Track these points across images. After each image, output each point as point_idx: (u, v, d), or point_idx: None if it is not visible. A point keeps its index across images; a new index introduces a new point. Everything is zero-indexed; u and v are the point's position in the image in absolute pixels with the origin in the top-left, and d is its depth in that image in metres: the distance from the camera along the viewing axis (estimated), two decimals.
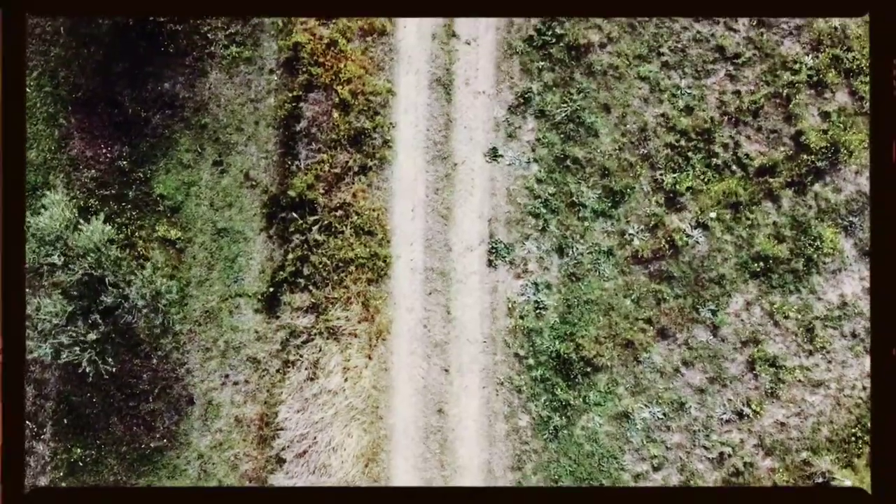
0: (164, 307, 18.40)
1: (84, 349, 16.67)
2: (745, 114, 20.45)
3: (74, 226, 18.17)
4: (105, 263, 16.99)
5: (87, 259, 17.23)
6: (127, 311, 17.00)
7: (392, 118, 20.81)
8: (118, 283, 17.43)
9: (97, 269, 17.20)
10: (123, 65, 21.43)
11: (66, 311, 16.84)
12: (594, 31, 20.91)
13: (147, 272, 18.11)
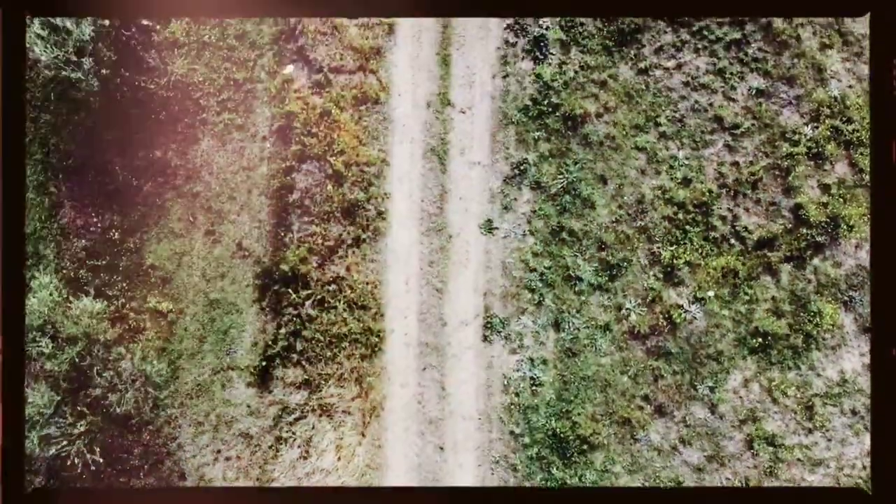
0: (155, 390, 18.15)
1: (72, 441, 16.42)
2: (743, 185, 20.19)
3: (64, 309, 17.98)
4: (94, 351, 16.73)
5: (76, 346, 16.99)
6: (116, 402, 16.73)
7: (386, 188, 20.56)
8: (107, 372, 17.18)
9: (87, 357, 16.95)
10: (115, 132, 21.17)
11: (53, 401, 16.59)
12: (591, 100, 20.65)
13: (137, 356, 17.86)
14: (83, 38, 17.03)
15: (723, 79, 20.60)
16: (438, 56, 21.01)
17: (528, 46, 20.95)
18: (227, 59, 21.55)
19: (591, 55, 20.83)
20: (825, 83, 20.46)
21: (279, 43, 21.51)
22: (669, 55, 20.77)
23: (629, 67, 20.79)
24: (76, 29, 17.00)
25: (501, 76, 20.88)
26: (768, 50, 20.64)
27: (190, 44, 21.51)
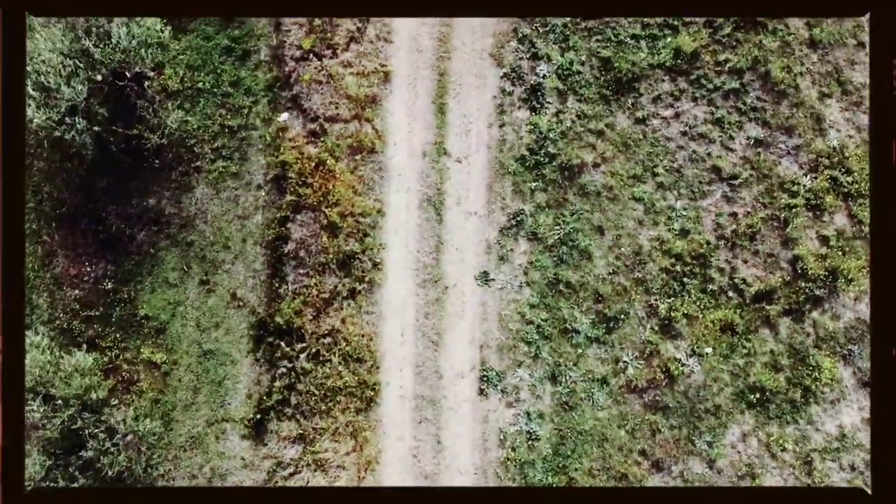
0: (148, 449, 18.00)
1: None
2: (741, 237, 20.04)
3: (56, 366, 17.84)
4: (86, 413, 16.59)
5: (69, 409, 16.84)
6: (108, 464, 16.57)
7: (382, 239, 20.40)
8: (99, 433, 17.02)
9: (78, 419, 16.81)
10: (108, 179, 21.02)
11: (45, 465, 16.44)
12: (588, 150, 20.50)
13: (130, 416, 17.71)
14: (76, 98, 16.83)
15: (721, 128, 20.47)
16: (434, 104, 20.87)
17: (524, 95, 20.81)
18: (222, 106, 21.43)
19: (588, 104, 20.69)
20: (824, 133, 20.33)
21: (274, 90, 21.36)
22: (667, 104, 20.63)
23: (626, 116, 20.65)
24: (68, 89, 16.81)
25: (498, 125, 20.74)
26: (767, 99, 20.51)
27: (184, 90, 21.37)
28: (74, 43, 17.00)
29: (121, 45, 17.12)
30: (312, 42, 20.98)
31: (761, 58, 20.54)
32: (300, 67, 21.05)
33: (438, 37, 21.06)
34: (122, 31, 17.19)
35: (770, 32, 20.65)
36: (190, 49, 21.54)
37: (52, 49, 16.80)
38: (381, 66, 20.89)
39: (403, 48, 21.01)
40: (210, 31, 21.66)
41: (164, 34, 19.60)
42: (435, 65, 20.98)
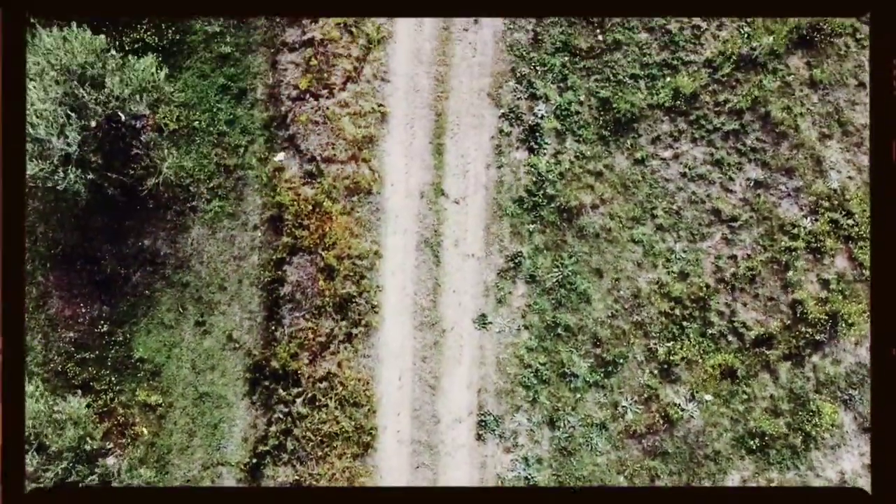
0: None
1: None
2: (741, 280, 19.89)
3: (50, 415, 17.69)
4: (80, 469, 16.43)
5: (62, 462, 16.68)
6: None
7: (379, 281, 20.23)
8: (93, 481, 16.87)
9: (72, 472, 16.65)
10: (103, 219, 20.85)
11: None
12: (586, 191, 20.35)
13: (124, 467, 17.55)
14: (69, 147, 16.67)
15: (720, 169, 20.32)
16: (432, 145, 20.71)
17: (522, 135, 20.66)
18: (218, 145, 21.27)
19: (587, 144, 20.54)
20: (825, 175, 20.18)
21: (270, 129, 21.21)
22: (666, 145, 20.48)
23: (625, 157, 20.50)
24: (61, 141, 16.65)
25: (496, 166, 20.58)
26: (767, 140, 20.36)
27: (180, 129, 21.22)
28: (68, 92, 16.81)
29: (114, 93, 16.91)
30: (309, 82, 20.82)
31: (761, 98, 20.39)
32: (297, 107, 20.89)
33: (436, 76, 20.90)
34: (115, 79, 16.99)
35: (770, 72, 20.50)
36: (185, 87, 21.38)
37: (44, 99, 16.60)
38: (379, 106, 20.72)
39: (401, 88, 20.86)
40: (206, 69, 21.51)
41: (159, 76, 19.45)
42: (432, 104, 20.82)
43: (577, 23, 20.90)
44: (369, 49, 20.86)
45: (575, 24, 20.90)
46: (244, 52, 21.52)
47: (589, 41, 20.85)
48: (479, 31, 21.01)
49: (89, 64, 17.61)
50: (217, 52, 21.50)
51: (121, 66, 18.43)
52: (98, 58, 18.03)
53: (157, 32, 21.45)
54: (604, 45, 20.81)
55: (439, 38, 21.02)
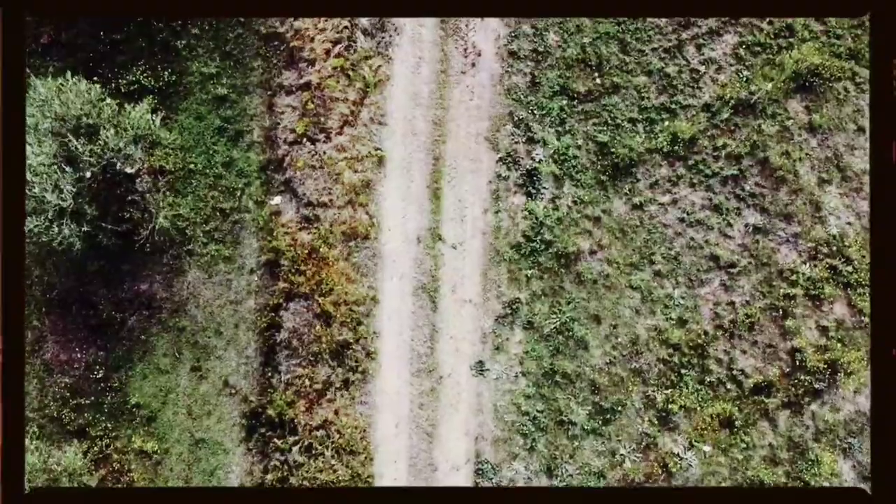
0: None
1: None
2: (740, 327, 19.80)
3: (44, 468, 17.60)
4: None
5: None
6: None
7: (375, 327, 20.13)
8: None
9: None
10: (99, 263, 20.73)
11: None
12: (584, 237, 20.26)
13: None
14: (64, 203, 16.58)
15: (719, 215, 20.24)
16: (429, 189, 20.62)
17: (520, 180, 20.57)
18: (214, 188, 21.17)
19: (585, 189, 20.46)
20: (824, 220, 20.10)
21: (267, 172, 21.11)
22: (664, 189, 20.40)
23: (623, 202, 20.41)
24: (55, 197, 16.56)
25: (493, 211, 20.49)
26: (765, 185, 20.28)
27: (176, 171, 21.12)
28: (63, 143, 16.72)
29: (108, 144, 16.83)
30: (305, 126, 20.72)
31: (760, 143, 20.31)
32: (293, 151, 20.79)
33: (434, 120, 20.81)
34: (110, 132, 16.90)
35: (769, 117, 20.41)
36: (181, 129, 21.28)
37: (38, 153, 16.51)
38: (376, 150, 20.62)
39: (398, 131, 20.76)
40: (202, 111, 21.40)
41: (154, 123, 19.38)
42: (430, 148, 20.73)
43: (574, 66, 20.81)
44: (366, 92, 20.77)
45: (573, 68, 20.81)
46: (241, 94, 21.42)
47: (587, 84, 20.77)
48: (476, 74, 20.93)
49: (84, 114, 17.52)
50: (213, 94, 21.40)
51: (116, 115, 18.35)
52: (93, 107, 17.95)
53: (153, 74, 21.36)
54: (602, 89, 20.73)
55: (437, 82, 20.93)
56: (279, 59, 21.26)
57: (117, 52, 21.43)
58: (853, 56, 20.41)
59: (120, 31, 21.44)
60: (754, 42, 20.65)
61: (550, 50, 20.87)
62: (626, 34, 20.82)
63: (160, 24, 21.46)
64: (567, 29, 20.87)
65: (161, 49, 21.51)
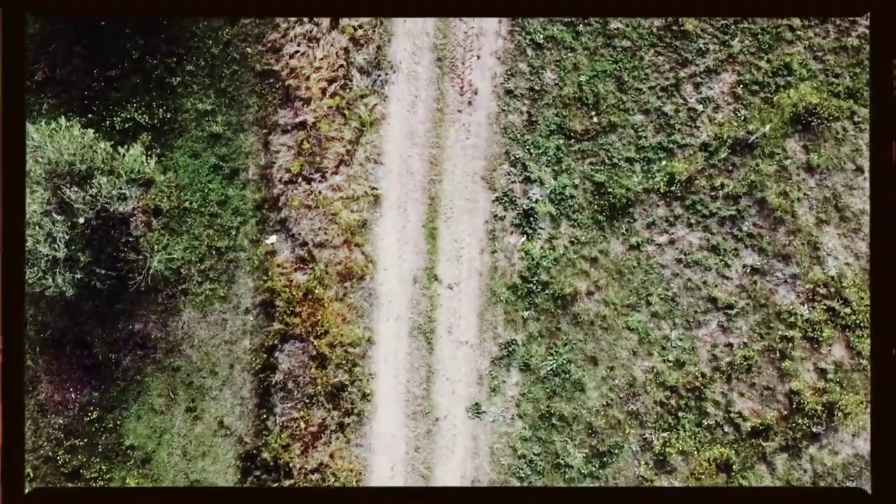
0: None
1: None
2: (737, 369, 19.67)
3: None
4: None
5: None
6: None
7: (371, 368, 20.02)
8: None
9: None
10: (93, 303, 20.63)
11: None
12: (581, 278, 20.14)
13: None
14: (57, 253, 16.48)
15: (717, 255, 20.11)
16: (425, 229, 20.50)
17: (516, 220, 20.45)
18: (209, 226, 21.06)
19: (582, 229, 20.34)
20: (822, 261, 19.97)
21: (262, 210, 21.00)
22: (662, 230, 20.27)
23: (620, 242, 20.29)
24: (48, 248, 16.46)
25: (490, 251, 20.37)
26: (763, 226, 20.15)
27: (171, 210, 21.00)
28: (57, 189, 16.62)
29: (102, 191, 16.72)
30: (301, 165, 20.61)
31: (758, 183, 20.17)
32: (289, 190, 20.69)
33: (430, 159, 20.70)
34: (103, 179, 16.80)
35: (767, 156, 20.28)
36: (177, 166, 21.17)
37: (30, 202, 16.40)
38: (372, 190, 20.51)
39: (394, 170, 20.65)
40: (197, 148, 21.29)
41: (148, 165, 19.29)
42: (426, 188, 20.61)
43: (571, 105, 20.69)
44: (362, 131, 20.66)
45: (569, 106, 20.69)
46: (236, 132, 21.32)
47: (584, 123, 20.65)
48: (472, 112, 20.81)
49: (78, 160, 17.42)
50: (208, 131, 21.29)
51: (110, 159, 18.25)
52: (87, 151, 17.85)
53: (148, 111, 21.24)
54: (599, 128, 20.60)
55: (433, 120, 20.82)
56: (274, 97, 21.16)
57: (112, 89, 21.34)
58: (851, 95, 20.28)
59: (115, 68, 21.35)
60: (752, 81, 20.53)
61: (547, 88, 20.75)
62: (624, 72, 20.70)
63: (155, 61, 21.37)
64: (564, 67, 20.75)
65: (156, 86, 21.42)
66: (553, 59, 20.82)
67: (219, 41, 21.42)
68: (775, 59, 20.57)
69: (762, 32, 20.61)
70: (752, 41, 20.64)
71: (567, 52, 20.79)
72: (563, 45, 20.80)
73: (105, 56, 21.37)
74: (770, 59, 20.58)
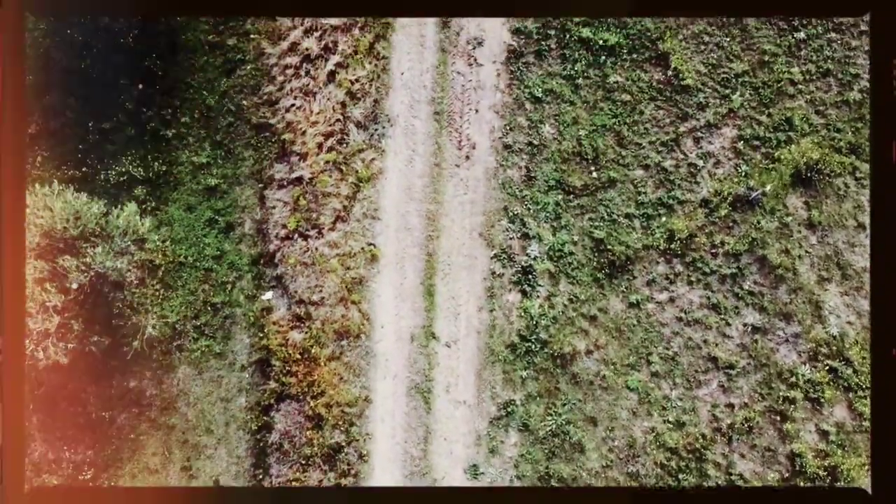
0: None
1: None
2: (738, 430, 19.46)
3: None
4: None
5: None
6: None
7: (368, 428, 19.81)
8: None
9: None
10: (86, 359, 20.38)
11: None
12: (580, 336, 19.93)
13: None
14: (50, 324, 16.27)
15: (717, 314, 19.90)
16: (423, 286, 20.29)
17: (515, 277, 20.23)
18: (205, 281, 20.85)
19: (581, 287, 20.13)
20: (824, 320, 19.76)
21: (259, 265, 20.79)
22: (662, 287, 20.06)
23: (620, 300, 20.08)
24: (40, 321, 16.26)
25: (488, 309, 20.16)
26: (764, 283, 19.94)
27: (166, 264, 20.80)
28: (48, 262, 16.42)
29: (96, 261, 16.51)
30: (297, 221, 20.41)
31: (758, 240, 19.97)
32: (285, 247, 20.48)
33: (427, 215, 20.48)
34: (98, 250, 16.59)
35: (768, 213, 20.07)
36: (172, 220, 20.96)
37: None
38: (369, 246, 20.30)
39: (391, 226, 20.44)
40: (193, 202, 21.09)
41: (142, 225, 19.09)
42: (424, 244, 20.40)
43: (570, 159, 20.48)
44: (359, 187, 20.45)
45: (568, 161, 20.48)
46: (232, 185, 21.11)
47: (583, 178, 20.44)
48: (470, 167, 20.60)
49: (71, 226, 17.21)
50: (204, 184, 21.09)
51: (103, 222, 18.04)
52: (81, 216, 17.64)
53: (143, 164, 21.05)
54: (598, 183, 20.40)
55: (430, 175, 20.61)
56: (270, 151, 20.96)
57: (106, 142, 21.14)
58: (853, 150, 20.08)
59: (109, 120, 21.15)
60: (753, 135, 20.33)
61: (546, 143, 20.55)
62: (623, 126, 20.49)
63: (149, 113, 21.17)
64: (563, 121, 20.54)
65: (151, 138, 21.22)
66: (552, 112, 20.61)
67: (214, 92, 21.21)
68: (776, 113, 20.37)
69: (763, 86, 20.42)
70: (753, 95, 20.44)
71: (566, 105, 20.59)
72: (562, 98, 20.59)
73: (99, 107, 21.17)
74: (771, 113, 20.38)
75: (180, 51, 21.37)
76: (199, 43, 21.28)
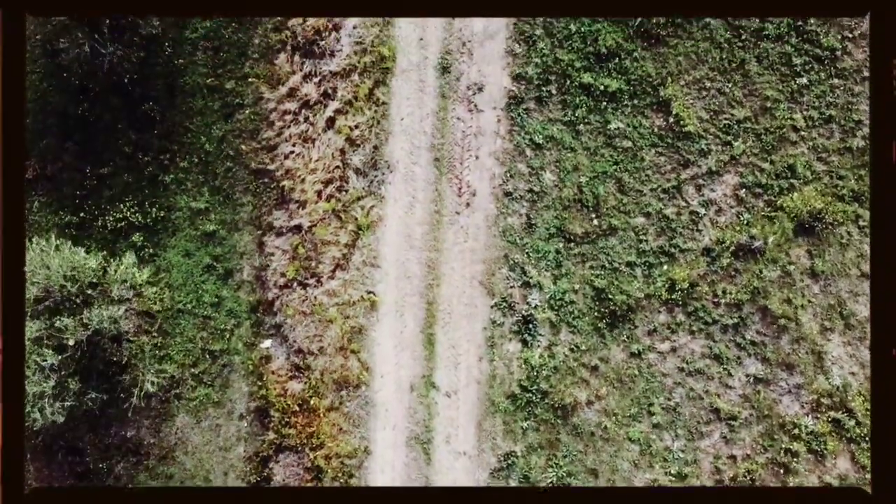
0: None
1: None
2: (740, 482, 19.32)
3: None
4: None
5: None
6: None
7: (367, 480, 19.67)
8: None
9: None
10: (84, 408, 20.24)
11: None
12: (581, 387, 19.79)
13: None
14: (46, 386, 16.13)
15: (719, 364, 19.75)
16: (423, 334, 20.14)
17: (515, 326, 20.09)
18: (203, 328, 20.70)
19: (582, 336, 19.98)
20: (826, 371, 19.62)
21: (257, 313, 20.64)
22: (663, 337, 19.92)
23: (621, 350, 19.94)
24: (36, 383, 16.12)
25: (488, 359, 20.01)
26: (767, 333, 19.80)
27: (164, 311, 20.66)
28: (45, 321, 16.30)
29: (93, 321, 16.37)
30: (296, 270, 20.26)
31: (761, 289, 19.82)
32: (284, 295, 20.34)
33: (427, 263, 20.33)
34: (95, 311, 16.44)
35: (770, 262, 19.93)
36: (170, 266, 20.81)
37: None
38: (368, 294, 20.15)
39: (391, 274, 20.29)
40: (191, 248, 20.93)
41: (140, 276, 18.95)
42: (423, 292, 20.25)
43: (571, 207, 20.34)
44: (358, 234, 20.30)
45: (569, 208, 20.33)
46: (230, 231, 20.96)
47: (584, 226, 20.29)
48: (471, 214, 20.45)
49: (69, 283, 17.06)
50: (202, 230, 20.94)
51: (101, 275, 17.91)
52: (78, 271, 17.51)
53: (141, 210, 20.91)
54: (599, 230, 20.25)
55: (430, 223, 20.46)
56: (269, 197, 20.82)
57: (104, 187, 21.01)
58: (856, 198, 19.92)
59: (107, 165, 21.01)
60: (755, 183, 20.17)
61: (546, 190, 20.39)
62: (624, 173, 20.34)
63: (147, 158, 21.02)
64: (563, 168, 20.39)
65: (149, 183, 21.08)
66: (552, 159, 20.47)
67: (213, 137, 21.06)
68: (779, 160, 20.21)
69: (765, 133, 20.26)
70: (755, 142, 20.28)
71: (567, 151, 20.45)
72: (563, 144, 20.45)
73: (97, 152, 21.03)
74: (773, 160, 20.23)
75: (178, 94, 21.21)
76: (197, 86, 21.13)
